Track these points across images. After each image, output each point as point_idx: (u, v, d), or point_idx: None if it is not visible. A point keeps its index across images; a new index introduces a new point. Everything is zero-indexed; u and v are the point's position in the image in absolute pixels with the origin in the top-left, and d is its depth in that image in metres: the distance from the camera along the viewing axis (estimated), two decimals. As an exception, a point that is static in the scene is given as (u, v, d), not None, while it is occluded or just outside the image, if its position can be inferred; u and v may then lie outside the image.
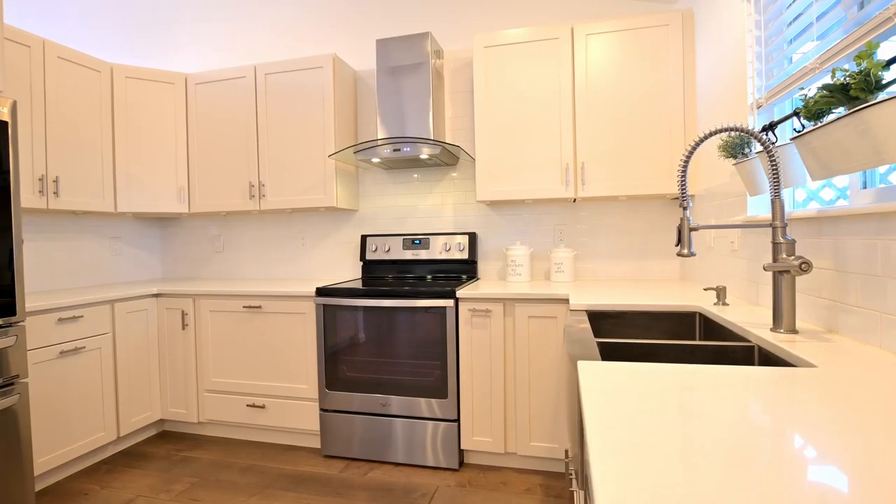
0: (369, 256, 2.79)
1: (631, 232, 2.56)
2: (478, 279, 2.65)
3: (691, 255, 1.24)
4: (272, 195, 2.76)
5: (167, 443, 2.59)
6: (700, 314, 1.62)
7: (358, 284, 2.46)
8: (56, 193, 2.41)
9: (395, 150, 2.39)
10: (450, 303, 2.13)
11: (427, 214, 2.83)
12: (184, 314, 2.61)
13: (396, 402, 2.21)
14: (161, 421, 2.76)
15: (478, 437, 2.15)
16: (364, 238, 2.82)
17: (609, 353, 1.26)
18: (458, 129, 2.76)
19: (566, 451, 1.18)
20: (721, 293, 1.59)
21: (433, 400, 2.16)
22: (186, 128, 2.94)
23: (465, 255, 2.61)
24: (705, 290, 1.69)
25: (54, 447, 2.12)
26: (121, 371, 2.44)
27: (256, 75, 2.78)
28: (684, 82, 2.19)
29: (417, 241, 2.70)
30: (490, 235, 2.73)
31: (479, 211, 2.74)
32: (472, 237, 2.63)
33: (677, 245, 1.27)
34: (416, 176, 2.86)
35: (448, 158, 2.56)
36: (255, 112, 2.79)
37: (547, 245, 2.66)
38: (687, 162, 1.26)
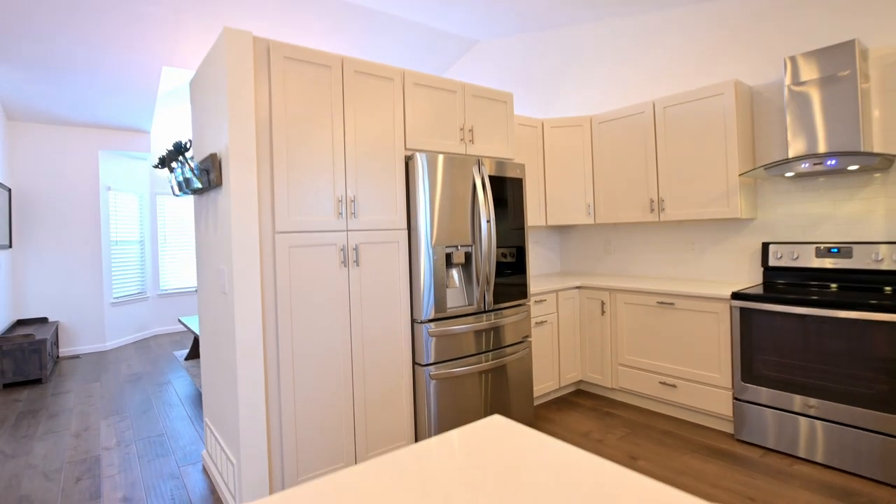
0: (772, 263, 2.92)
1: None
2: (923, 292, 2.41)
3: None
4: (671, 209, 3.26)
5: (587, 398, 3.49)
6: None
7: (760, 290, 2.67)
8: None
9: (815, 164, 2.47)
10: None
11: (844, 222, 2.73)
12: (602, 303, 3.44)
13: (823, 406, 2.34)
14: (579, 381, 3.71)
15: (939, 460, 2.05)
16: (766, 245, 2.97)
17: None
18: (890, 129, 2.55)
19: None
20: None
21: (874, 412, 2.19)
22: (592, 157, 3.78)
23: (906, 267, 2.42)
24: None
25: (534, 384, 3.26)
26: (561, 340, 3.46)
27: (655, 110, 3.33)
28: None
29: (835, 250, 2.67)
30: (944, 244, 2.42)
31: (926, 217, 2.46)
32: (919, 247, 2.41)
33: None
34: (821, 180, 2.80)
35: (882, 164, 2.43)
36: (653, 140, 3.34)
37: None
38: None
